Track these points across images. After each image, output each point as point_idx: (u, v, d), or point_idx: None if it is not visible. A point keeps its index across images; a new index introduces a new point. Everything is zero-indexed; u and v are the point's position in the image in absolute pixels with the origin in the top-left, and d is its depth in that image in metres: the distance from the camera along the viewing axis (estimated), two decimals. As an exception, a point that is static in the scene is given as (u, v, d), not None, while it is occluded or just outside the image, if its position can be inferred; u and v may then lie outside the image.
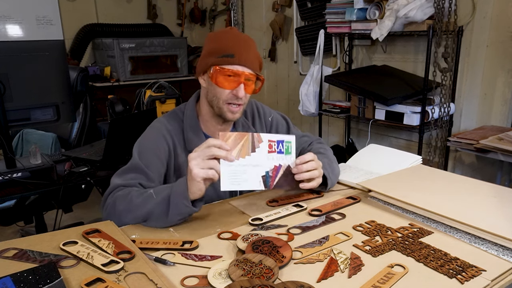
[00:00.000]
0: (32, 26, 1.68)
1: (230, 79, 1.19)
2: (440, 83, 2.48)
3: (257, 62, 1.24)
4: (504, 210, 1.04)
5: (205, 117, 1.31)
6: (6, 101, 1.61)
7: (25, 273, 0.79)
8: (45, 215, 2.18)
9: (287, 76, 4.07)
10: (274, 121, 1.44)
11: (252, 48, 1.23)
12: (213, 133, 1.31)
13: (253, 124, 1.40)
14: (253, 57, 1.22)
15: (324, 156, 1.32)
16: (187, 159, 1.05)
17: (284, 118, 1.47)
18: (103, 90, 4.33)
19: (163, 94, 3.27)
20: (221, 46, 1.20)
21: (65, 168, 1.84)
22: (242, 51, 1.19)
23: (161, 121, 1.30)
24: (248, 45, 1.23)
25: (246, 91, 1.22)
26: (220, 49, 1.20)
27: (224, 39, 1.22)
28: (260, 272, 0.81)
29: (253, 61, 1.21)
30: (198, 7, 5.25)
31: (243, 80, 1.20)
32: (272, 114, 1.45)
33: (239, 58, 1.18)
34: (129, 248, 0.90)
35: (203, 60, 1.24)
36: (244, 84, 1.20)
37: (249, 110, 1.42)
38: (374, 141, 2.84)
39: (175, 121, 1.30)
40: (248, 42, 1.24)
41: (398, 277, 0.81)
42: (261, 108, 1.44)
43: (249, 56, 1.20)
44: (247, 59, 1.20)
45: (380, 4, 2.56)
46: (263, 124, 1.42)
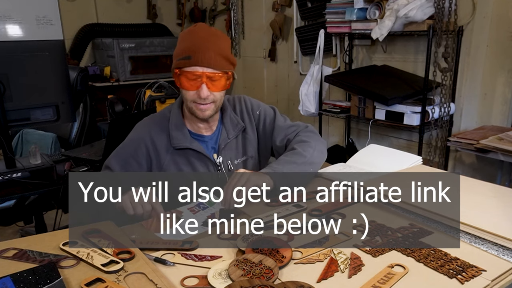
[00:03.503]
0: (32, 26, 1.68)
1: (192, 81, 1.21)
2: (440, 83, 2.48)
3: (220, 59, 1.22)
4: (504, 210, 1.04)
5: (188, 116, 1.34)
6: (6, 101, 1.61)
7: (25, 273, 0.79)
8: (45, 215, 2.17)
9: (287, 76, 4.07)
10: (262, 114, 1.44)
11: (214, 45, 1.22)
12: (199, 130, 1.35)
13: (242, 118, 1.41)
14: (214, 55, 1.21)
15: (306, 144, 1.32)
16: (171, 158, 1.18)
17: (272, 108, 1.47)
18: (103, 90, 4.33)
19: (163, 94, 3.27)
20: (181, 48, 1.23)
21: (65, 168, 1.84)
22: (199, 51, 1.19)
23: (146, 122, 1.36)
24: (209, 43, 1.21)
25: (212, 89, 1.23)
26: (180, 51, 1.22)
27: (185, 40, 1.24)
28: (260, 272, 0.81)
29: (212, 59, 1.21)
30: (198, 7, 5.24)
31: (205, 80, 1.21)
32: (260, 107, 1.45)
33: (196, 59, 1.19)
34: (129, 248, 0.90)
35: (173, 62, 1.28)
36: (207, 83, 1.21)
37: (237, 105, 1.43)
38: (374, 141, 2.84)
39: (161, 119, 1.34)
40: (209, 39, 1.22)
41: (398, 277, 0.81)
42: (248, 102, 1.44)
43: (208, 55, 1.20)
44: (204, 58, 1.19)
45: (380, 4, 2.56)
46: (252, 118, 1.43)
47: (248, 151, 1.40)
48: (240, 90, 4.73)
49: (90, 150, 2.09)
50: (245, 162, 1.40)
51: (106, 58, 4.58)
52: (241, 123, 1.39)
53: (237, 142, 1.38)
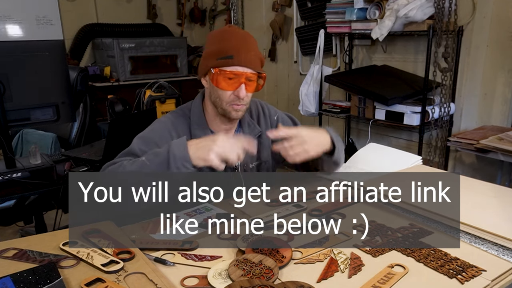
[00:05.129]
0: (32, 26, 1.68)
1: (230, 80, 1.20)
2: (440, 83, 2.48)
3: (257, 60, 1.23)
4: (504, 210, 1.04)
5: (210, 116, 1.32)
6: (6, 101, 1.60)
7: (25, 273, 0.79)
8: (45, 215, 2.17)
9: (287, 76, 4.07)
10: (280, 120, 1.44)
11: (252, 46, 1.23)
12: (219, 130, 1.33)
13: (258, 123, 1.40)
14: (253, 56, 1.21)
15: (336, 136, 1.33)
16: None
17: (290, 118, 1.47)
18: (103, 90, 4.33)
19: (163, 94, 3.27)
20: (220, 47, 1.20)
21: (65, 168, 1.84)
22: (241, 51, 1.19)
23: (168, 117, 1.31)
24: (248, 43, 1.22)
25: (248, 90, 1.22)
26: (219, 51, 1.20)
27: (223, 39, 1.21)
28: (260, 272, 0.81)
29: (253, 60, 1.21)
30: (198, 7, 5.24)
31: (244, 80, 1.20)
32: (277, 113, 1.45)
33: (238, 59, 1.18)
34: (129, 248, 0.90)
35: (204, 62, 1.24)
36: (245, 83, 1.20)
37: (254, 110, 1.42)
38: (374, 141, 2.83)
39: (182, 117, 1.31)
40: (248, 40, 1.23)
41: (398, 277, 0.81)
42: (265, 108, 1.44)
43: (249, 55, 1.20)
44: (246, 59, 1.19)
45: (380, 4, 2.56)
46: (268, 123, 1.42)
47: (262, 155, 1.39)
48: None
49: (90, 150, 2.09)
50: (258, 166, 1.39)
51: (106, 58, 4.58)
52: (258, 128, 1.38)
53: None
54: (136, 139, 1.24)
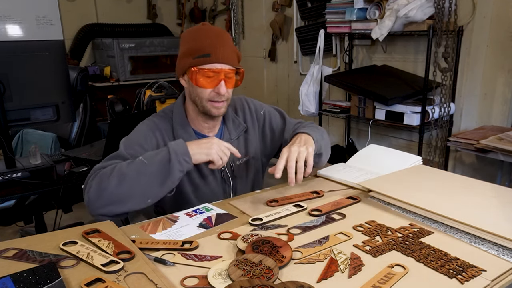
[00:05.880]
0: (32, 26, 1.68)
1: (209, 78, 1.20)
2: (440, 83, 2.48)
3: (234, 56, 1.23)
4: (504, 210, 1.04)
5: (192, 115, 1.32)
6: (6, 101, 1.61)
7: (25, 273, 0.79)
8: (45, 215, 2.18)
9: (287, 76, 4.07)
10: (267, 114, 1.44)
11: (228, 43, 1.23)
12: (202, 129, 1.34)
13: (244, 120, 1.40)
14: (230, 52, 1.21)
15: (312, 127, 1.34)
16: None
17: (277, 110, 1.47)
18: (103, 90, 4.33)
19: (163, 94, 3.27)
20: (196, 46, 1.20)
21: (65, 168, 1.84)
22: (218, 48, 1.19)
23: (151, 119, 1.32)
24: (224, 40, 1.22)
25: (228, 86, 1.23)
26: (196, 49, 1.20)
27: (199, 37, 1.21)
28: (260, 272, 0.81)
29: (230, 56, 1.21)
30: (198, 7, 5.25)
31: (223, 77, 1.21)
32: (263, 108, 1.45)
33: (216, 56, 1.18)
34: (129, 248, 0.90)
35: (181, 61, 1.25)
36: (225, 80, 1.21)
37: (238, 106, 1.42)
38: (374, 141, 2.84)
39: (164, 119, 1.32)
40: (223, 37, 1.23)
41: (398, 277, 0.81)
42: (251, 103, 1.44)
43: (226, 52, 1.20)
44: (224, 55, 1.19)
45: (380, 4, 2.56)
46: (255, 118, 1.42)
47: (250, 151, 1.40)
48: (240, 90, 4.73)
49: (90, 150, 2.09)
50: (247, 163, 1.40)
51: (106, 58, 4.59)
52: (243, 124, 1.39)
53: (239, 142, 1.38)
54: (122, 143, 1.25)
